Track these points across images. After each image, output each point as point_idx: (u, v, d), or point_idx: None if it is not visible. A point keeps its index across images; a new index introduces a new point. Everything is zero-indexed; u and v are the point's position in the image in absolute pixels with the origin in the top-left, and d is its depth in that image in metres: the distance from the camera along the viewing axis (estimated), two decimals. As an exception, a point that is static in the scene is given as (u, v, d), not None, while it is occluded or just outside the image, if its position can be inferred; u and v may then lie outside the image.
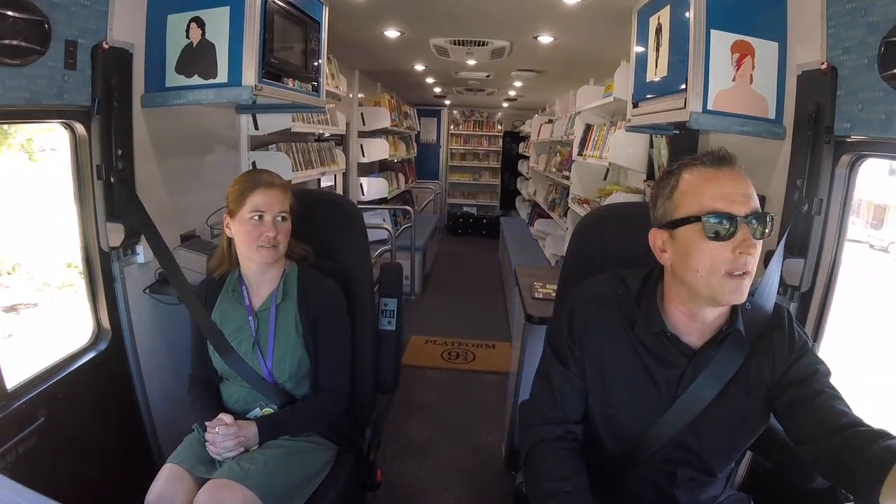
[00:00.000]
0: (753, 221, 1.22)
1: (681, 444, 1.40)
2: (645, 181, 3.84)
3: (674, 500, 1.45)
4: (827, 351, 1.98)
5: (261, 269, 1.88)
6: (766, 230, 1.24)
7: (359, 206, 2.52)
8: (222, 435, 1.74)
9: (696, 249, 1.25)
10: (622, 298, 1.44)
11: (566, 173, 5.56)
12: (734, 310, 1.35)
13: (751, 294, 1.35)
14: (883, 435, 1.10)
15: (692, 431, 1.38)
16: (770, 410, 1.36)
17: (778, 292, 1.98)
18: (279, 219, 1.81)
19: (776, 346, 1.35)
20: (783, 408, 1.30)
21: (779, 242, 1.71)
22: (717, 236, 1.22)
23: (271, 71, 2.29)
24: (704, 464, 1.43)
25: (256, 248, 1.79)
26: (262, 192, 1.79)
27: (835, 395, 1.25)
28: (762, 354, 1.35)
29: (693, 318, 1.35)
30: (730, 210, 1.22)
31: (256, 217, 1.78)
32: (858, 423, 1.17)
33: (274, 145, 3.89)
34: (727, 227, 1.22)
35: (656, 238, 1.36)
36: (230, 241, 1.88)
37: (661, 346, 1.39)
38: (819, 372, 1.30)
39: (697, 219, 1.24)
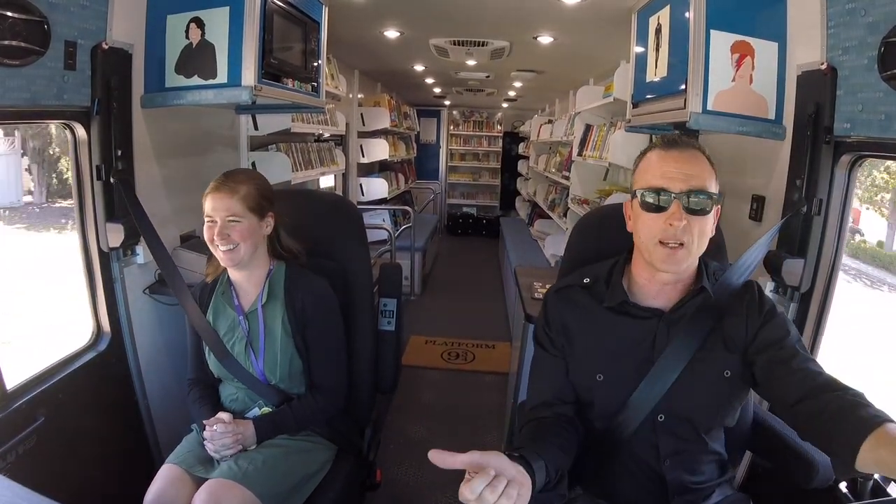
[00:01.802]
0: (685, 198, 1.34)
1: (667, 410, 1.44)
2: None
3: (663, 479, 1.47)
4: (827, 352, 1.99)
5: (239, 271, 1.88)
6: (700, 208, 1.35)
7: (358, 207, 2.53)
8: (220, 433, 1.74)
9: (640, 219, 1.41)
10: (590, 285, 1.56)
11: (566, 173, 5.55)
12: (699, 272, 1.47)
13: (705, 273, 1.48)
14: (858, 404, 1.16)
15: (676, 393, 1.42)
16: (750, 375, 1.42)
17: (777, 292, 1.99)
18: (230, 221, 1.78)
19: (748, 307, 1.45)
20: (761, 371, 1.37)
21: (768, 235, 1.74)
22: (650, 208, 1.38)
23: (271, 71, 2.29)
24: (693, 425, 1.45)
25: (215, 247, 1.80)
26: (210, 198, 1.79)
27: (807, 357, 1.34)
28: (734, 314, 1.44)
29: (653, 279, 1.47)
30: (664, 186, 1.36)
31: (209, 220, 1.79)
32: (832, 384, 1.24)
33: (273, 146, 3.89)
34: (658, 201, 1.37)
35: (627, 207, 1.52)
36: None
37: (629, 314, 1.49)
38: (791, 334, 1.39)
39: (640, 192, 1.40)
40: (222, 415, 1.79)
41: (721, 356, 1.42)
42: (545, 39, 4.27)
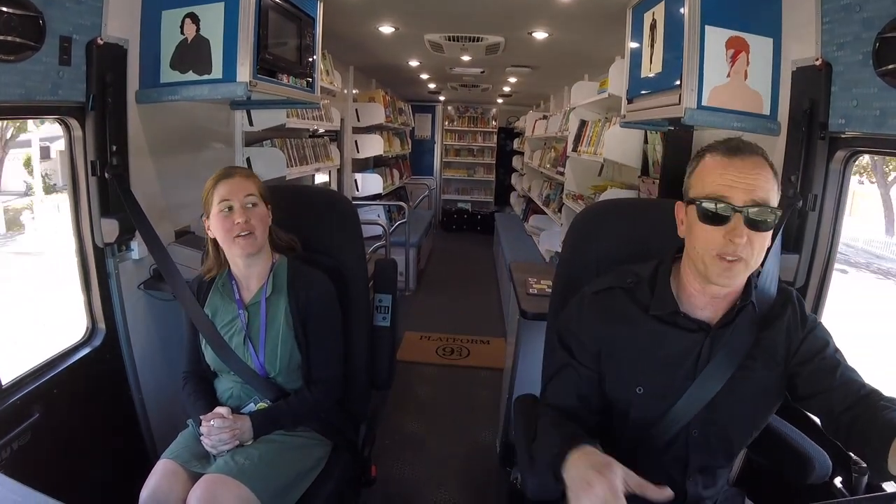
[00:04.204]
0: (748, 211, 1.26)
1: (702, 425, 1.40)
2: (639, 177, 3.85)
3: (684, 492, 1.45)
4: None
5: (247, 263, 1.87)
6: (762, 221, 1.27)
7: (353, 202, 2.52)
8: (217, 427, 1.74)
9: (695, 229, 1.32)
10: (633, 287, 1.47)
11: (561, 169, 5.55)
12: (747, 286, 1.39)
13: (753, 286, 1.40)
14: (887, 408, 1.17)
15: (714, 408, 1.39)
16: (787, 387, 1.39)
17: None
18: (248, 205, 1.81)
19: (789, 320, 1.40)
20: (805, 383, 1.34)
21: (774, 238, 1.73)
22: (709, 220, 1.28)
23: (266, 67, 2.28)
24: (726, 441, 1.43)
25: (233, 239, 1.79)
26: (224, 183, 1.81)
27: (849, 367, 1.32)
28: (775, 328, 1.39)
29: (704, 291, 1.38)
30: (725, 197, 1.27)
31: (226, 208, 1.79)
32: (873, 393, 1.25)
33: (268, 141, 3.88)
34: (720, 213, 1.27)
35: (679, 210, 1.42)
36: (215, 242, 1.88)
37: (676, 325, 1.41)
38: (830, 344, 1.36)
39: (697, 201, 1.30)
40: (220, 409, 1.79)
41: (761, 373, 1.38)
42: (540, 35, 4.27)
